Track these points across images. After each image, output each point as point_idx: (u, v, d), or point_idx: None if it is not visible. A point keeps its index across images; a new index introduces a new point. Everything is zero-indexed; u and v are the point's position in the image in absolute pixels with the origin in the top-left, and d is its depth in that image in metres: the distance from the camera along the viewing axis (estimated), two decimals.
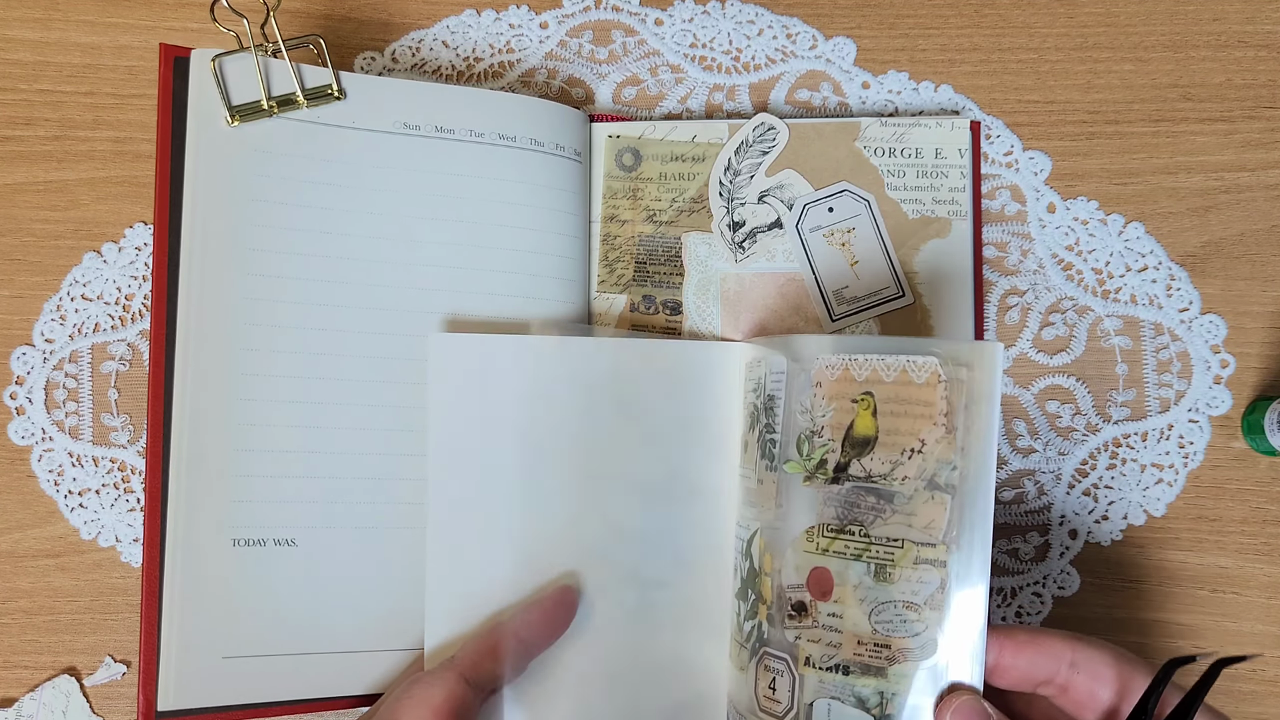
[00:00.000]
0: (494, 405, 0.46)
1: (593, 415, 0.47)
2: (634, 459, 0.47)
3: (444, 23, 0.56)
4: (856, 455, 0.41)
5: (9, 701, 0.51)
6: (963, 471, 0.39)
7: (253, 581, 0.46)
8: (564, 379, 0.47)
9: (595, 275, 0.53)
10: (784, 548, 0.42)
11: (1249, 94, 0.55)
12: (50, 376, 0.53)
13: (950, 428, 0.39)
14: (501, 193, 0.50)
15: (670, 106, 0.56)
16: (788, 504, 0.42)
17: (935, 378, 0.39)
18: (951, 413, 0.39)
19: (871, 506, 0.40)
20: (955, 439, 0.39)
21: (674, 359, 0.48)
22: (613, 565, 0.47)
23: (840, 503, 0.41)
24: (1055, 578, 0.53)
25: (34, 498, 0.53)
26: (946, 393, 0.39)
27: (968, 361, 0.39)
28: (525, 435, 0.46)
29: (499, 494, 0.46)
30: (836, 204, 0.53)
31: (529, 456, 0.46)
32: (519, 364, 0.47)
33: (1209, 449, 0.53)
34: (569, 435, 0.47)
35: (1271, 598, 0.53)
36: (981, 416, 0.39)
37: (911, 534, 0.39)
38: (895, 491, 0.40)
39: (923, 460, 0.39)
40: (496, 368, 0.46)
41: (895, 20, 0.56)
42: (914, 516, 0.39)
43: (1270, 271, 0.54)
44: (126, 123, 0.54)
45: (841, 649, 0.40)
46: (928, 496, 0.39)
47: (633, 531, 0.47)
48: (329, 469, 0.47)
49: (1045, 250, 0.54)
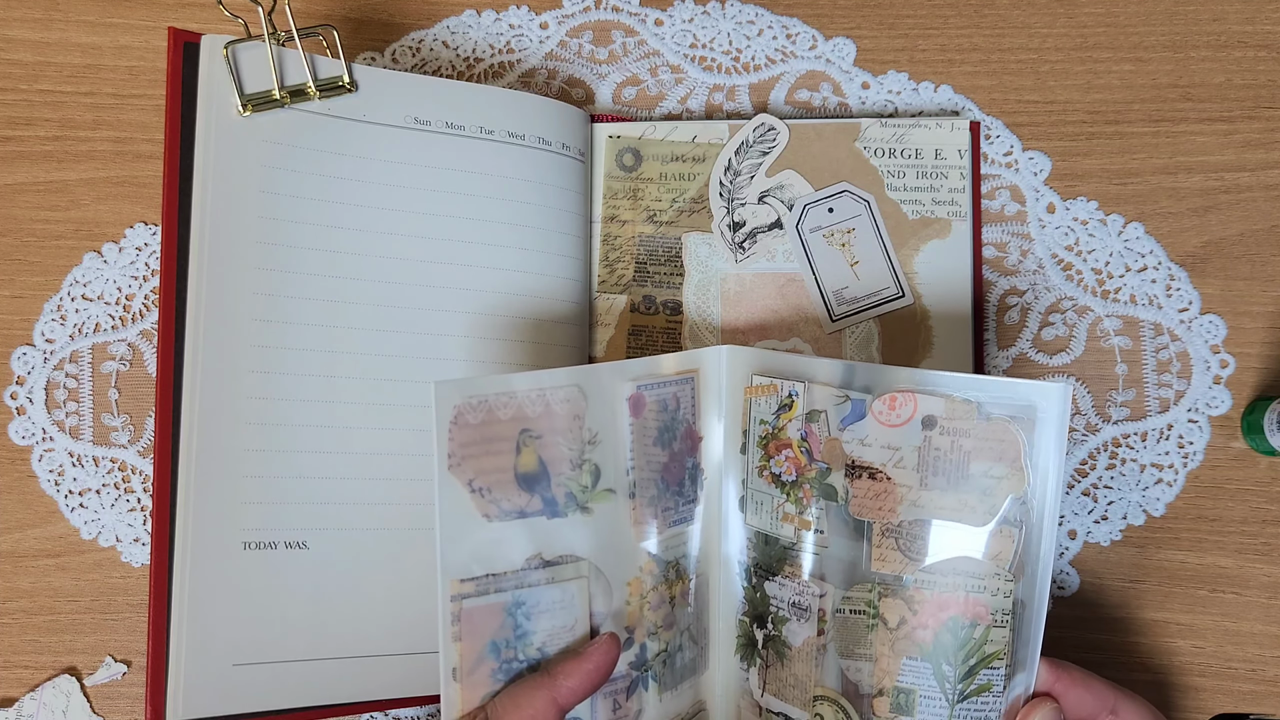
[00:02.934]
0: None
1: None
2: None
3: (444, 23, 0.56)
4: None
5: (9, 701, 0.51)
6: (1029, 506, 0.40)
7: (263, 585, 0.45)
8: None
9: (596, 275, 0.53)
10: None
11: (1249, 94, 0.55)
12: (51, 376, 0.53)
13: (1020, 465, 0.40)
14: (510, 191, 0.50)
15: (670, 107, 0.56)
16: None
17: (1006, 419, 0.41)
18: (1021, 451, 0.40)
19: (939, 538, 0.42)
20: (1025, 475, 0.40)
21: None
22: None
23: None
24: (1055, 578, 0.53)
25: (34, 498, 0.53)
26: (1018, 430, 0.40)
27: (1028, 403, 0.40)
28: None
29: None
30: (836, 204, 0.53)
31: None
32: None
33: (1208, 449, 0.53)
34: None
35: (1271, 598, 0.53)
36: (1049, 454, 0.40)
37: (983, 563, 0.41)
38: (968, 524, 0.41)
39: (995, 495, 0.41)
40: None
41: (895, 20, 0.56)
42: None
43: (1270, 272, 0.54)
44: (127, 123, 0.54)
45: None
46: (997, 530, 0.41)
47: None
48: (341, 469, 0.47)
49: (1045, 250, 0.54)
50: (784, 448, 0.45)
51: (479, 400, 0.40)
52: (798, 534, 0.44)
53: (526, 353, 0.50)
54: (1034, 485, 0.40)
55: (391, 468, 0.47)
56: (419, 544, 0.47)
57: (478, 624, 0.40)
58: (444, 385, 0.39)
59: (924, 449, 0.42)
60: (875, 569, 0.43)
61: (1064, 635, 0.53)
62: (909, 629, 0.42)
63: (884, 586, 0.43)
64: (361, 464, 0.47)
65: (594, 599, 0.43)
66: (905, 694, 0.42)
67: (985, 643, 0.41)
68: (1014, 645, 0.41)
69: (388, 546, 0.47)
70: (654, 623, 0.45)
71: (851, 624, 0.43)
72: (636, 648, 0.44)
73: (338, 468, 0.46)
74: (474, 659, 0.40)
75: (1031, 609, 0.41)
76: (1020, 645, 0.41)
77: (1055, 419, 0.40)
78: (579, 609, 0.42)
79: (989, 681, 0.41)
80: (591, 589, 0.43)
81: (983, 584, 0.41)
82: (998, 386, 0.41)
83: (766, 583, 0.45)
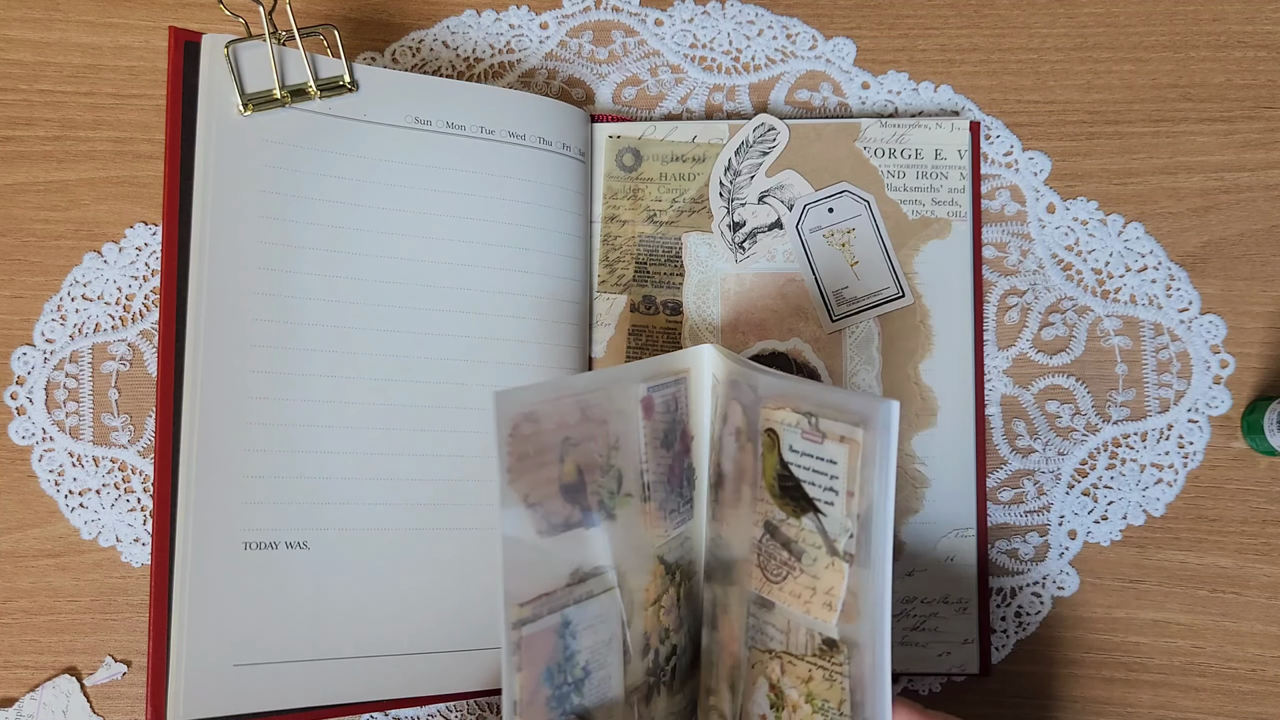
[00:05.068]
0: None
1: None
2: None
3: (444, 23, 0.56)
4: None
5: (9, 701, 0.51)
6: (859, 539, 0.36)
7: (264, 585, 0.45)
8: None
9: (596, 275, 0.53)
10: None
11: (1249, 94, 0.55)
12: (51, 376, 0.53)
13: (850, 491, 0.36)
14: (511, 191, 0.50)
15: (670, 107, 0.56)
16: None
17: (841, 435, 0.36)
18: (850, 474, 0.36)
19: (784, 561, 0.39)
20: (853, 504, 0.36)
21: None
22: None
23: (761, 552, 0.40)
24: (1055, 578, 0.53)
25: (34, 498, 0.53)
26: (847, 453, 0.36)
27: (863, 419, 0.35)
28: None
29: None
30: (837, 204, 0.53)
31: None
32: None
33: (1209, 449, 0.53)
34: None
35: (1271, 598, 0.53)
36: (875, 481, 0.35)
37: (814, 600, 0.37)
38: (803, 551, 0.38)
39: (825, 521, 0.37)
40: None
41: (895, 20, 0.56)
42: (818, 580, 0.37)
43: (1270, 271, 0.54)
44: (127, 123, 0.54)
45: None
46: (829, 561, 0.37)
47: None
48: (342, 469, 0.46)
49: (1045, 250, 0.54)
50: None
51: (529, 410, 0.37)
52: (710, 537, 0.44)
53: (527, 353, 0.50)
54: (864, 515, 0.35)
55: (393, 468, 0.47)
56: (420, 544, 0.47)
57: (536, 651, 0.38)
58: (503, 396, 0.36)
59: (736, 458, 0.40)
60: (744, 584, 0.40)
61: (1064, 635, 0.53)
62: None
63: (751, 604, 0.40)
64: (362, 464, 0.47)
65: (623, 609, 0.41)
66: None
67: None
68: (851, 699, 0.36)
69: (389, 547, 0.47)
70: (666, 626, 0.44)
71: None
72: (653, 654, 0.43)
73: (339, 468, 0.46)
74: (531, 689, 0.38)
75: (867, 656, 0.35)
76: (862, 693, 0.36)
77: (883, 440, 0.34)
78: (614, 622, 0.41)
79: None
80: (620, 599, 0.41)
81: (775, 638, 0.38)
82: (834, 397, 0.37)
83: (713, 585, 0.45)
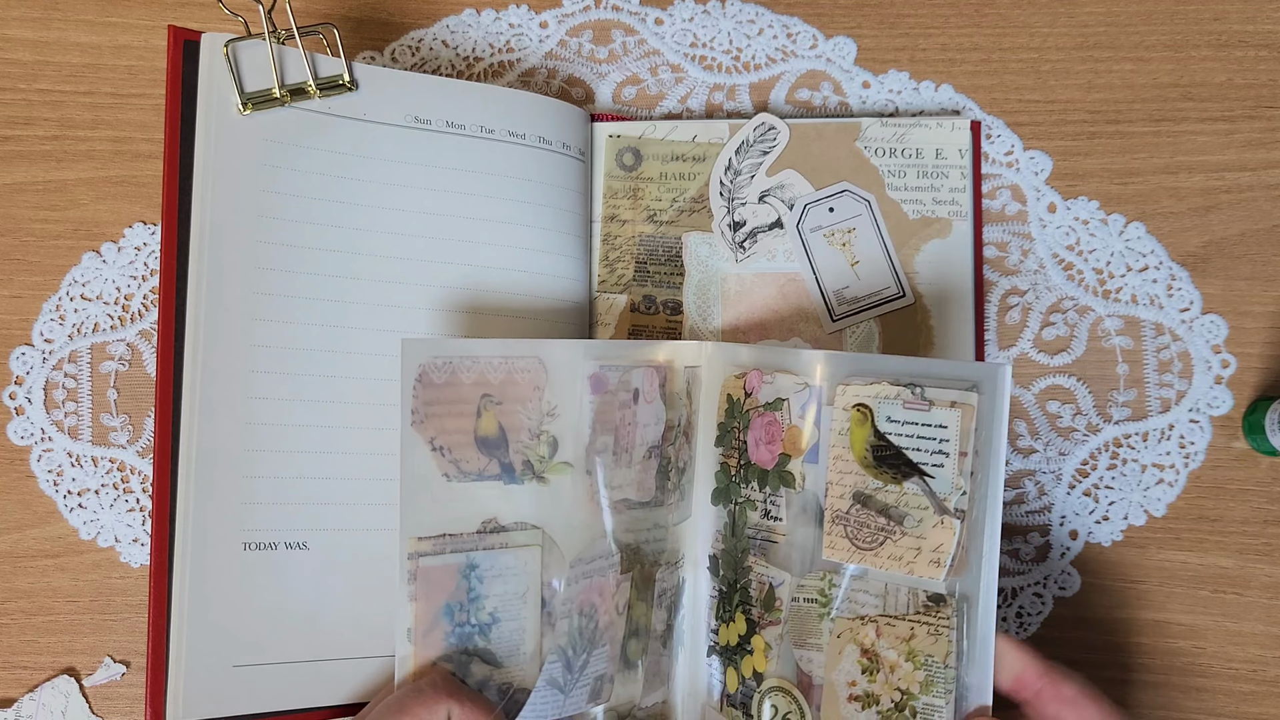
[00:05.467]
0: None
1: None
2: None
3: (444, 22, 0.56)
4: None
5: (8, 702, 0.51)
6: (971, 495, 0.39)
7: (264, 586, 0.45)
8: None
9: (596, 275, 0.53)
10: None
11: (1250, 94, 0.55)
12: (49, 376, 0.53)
13: (964, 451, 0.39)
14: (510, 190, 0.50)
15: (670, 106, 0.56)
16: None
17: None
18: (964, 435, 0.39)
19: (881, 527, 0.41)
20: (967, 462, 0.39)
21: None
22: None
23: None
24: (1056, 578, 0.53)
25: (33, 498, 0.52)
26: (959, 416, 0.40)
27: (975, 384, 0.39)
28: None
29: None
30: (837, 204, 0.53)
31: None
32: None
33: (1210, 449, 0.53)
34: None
35: (1272, 598, 0.53)
36: (991, 440, 0.39)
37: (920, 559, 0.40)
38: (905, 514, 0.40)
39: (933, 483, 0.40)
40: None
41: (896, 20, 0.56)
42: (924, 540, 0.40)
43: (1271, 271, 0.54)
44: (126, 122, 0.54)
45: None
46: (937, 520, 0.40)
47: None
48: (342, 470, 0.46)
49: (1046, 250, 0.54)
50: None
51: (444, 361, 0.42)
52: (753, 523, 0.45)
53: None
54: (978, 472, 0.39)
55: (391, 468, 0.47)
56: None
57: (433, 584, 0.42)
58: (410, 343, 0.42)
59: (834, 430, 0.42)
60: (826, 556, 0.42)
61: (1065, 636, 0.53)
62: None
63: (833, 576, 0.42)
64: (362, 464, 0.47)
65: (547, 568, 0.44)
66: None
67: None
68: (959, 643, 0.39)
69: (388, 547, 0.47)
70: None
71: (804, 613, 0.43)
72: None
73: (338, 468, 0.46)
74: (429, 621, 0.42)
75: (978, 605, 0.39)
76: (969, 642, 0.39)
77: (997, 402, 0.38)
78: (531, 576, 0.44)
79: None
80: (545, 558, 0.44)
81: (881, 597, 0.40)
82: (941, 368, 0.40)
83: (734, 573, 0.46)
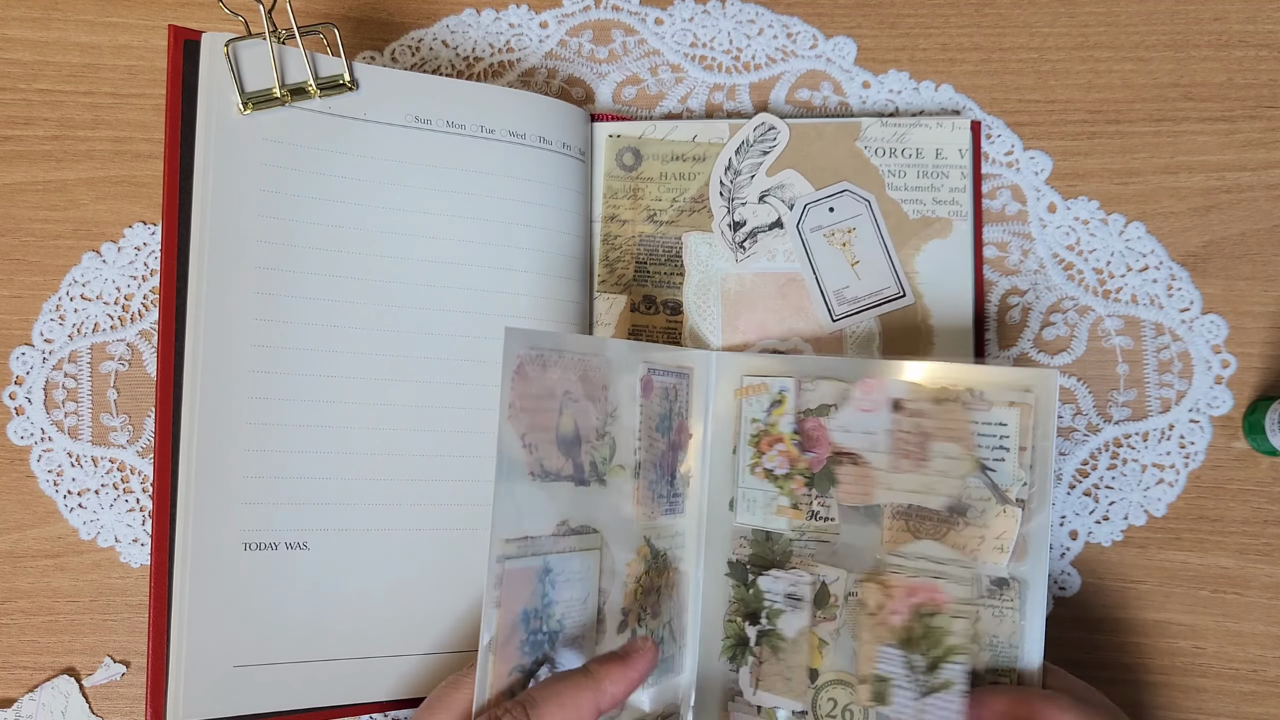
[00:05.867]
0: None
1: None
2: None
3: (444, 22, 0.56)
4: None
5: (8, 702, 0.51)
6: (1030, 486, 0.42)
7: (264, 586, 0.45)
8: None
9: (596, 275, 0.53)
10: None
11: (1250, 93, 0.55)
12: (49, 376, 0.53)
13: (1023, 446, 0.42)
14: (510, 190, 0.50)
15: (670, 106, 0.56)
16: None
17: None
18: (1024, 432, 0.42)
19: (942, 519, 0.43)
20: (1026, 456, 0.42)
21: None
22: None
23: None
24: (1055, 578, 0.53)
25: (33, 498, 0.52)
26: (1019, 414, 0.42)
27: (1030, 386, 0.42)
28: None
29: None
30: (837, 204, 0.53)
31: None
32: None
33: (1210, 449, 0.53)
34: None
35: (1273, 598, 0.52)
36: (1045, 436, 0.42)
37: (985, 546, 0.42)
38: (968, 506, 0.43)
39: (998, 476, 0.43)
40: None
41: (896, 20, 0.56)
42: (987, 529, 0.42)
43: (1271, 271, 0.54)
44: (126, 122, 0.54)
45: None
46: (999, 510, 0.42)
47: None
48: (342, 470, 0.46)
49: (1046, 250, 0.54)
50: (776, 442, 0.46)
51: (538, 354, 0.41)
52: (792, 525, 0.46)
53: None
54: (1036, 465, 0.42)
55: (392, 468, 0.47)
56: (419, 545, 0.47)
57: (515, 589, 0.40)
58: (513, 333, 0.40)
59: (894, 432, 0.44)
60: (888, 550, 0.44)
61: (1065, 635, 0.53)
62: (884, 614, 0.43)
63: (870, 570, 0.44)
64: (362, 464, 0.47)
65: (604, 574, 0.43)
66: (881, 682, 0.43)
67: (946, 634, 0.41)
68: (1010, 634, 0.42)
69: (388, 547, 0.47)
70: (643, 608, 0.45)
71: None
72: (629, 632, 0.44)
73: (338, 468, 0.46)
74: (508, 629, 0.40)
75: (1037, 587, 0.42)
76: (1026, 622, 0.42)
77: (1051, 400, 0.42)
78: (592, 582, 0.43)
79: (948, 679, 0.41)
80: (603, 563, 0.43)
81: (943, 568, 0.42)
82: (995, 374, 0.43)
83: (760, 578, 0.46)
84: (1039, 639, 0.42)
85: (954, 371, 0.43)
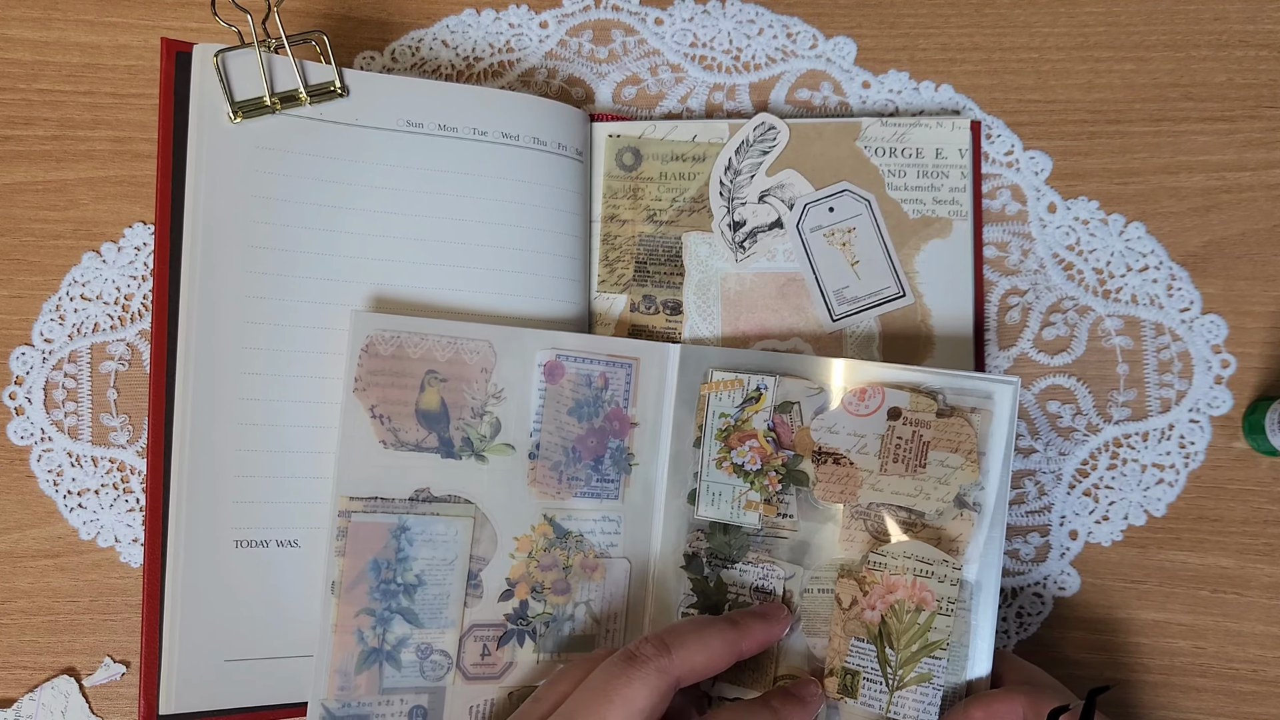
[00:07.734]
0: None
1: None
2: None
3: (444, 22, 0.56)
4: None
5: (8, 702, 0.51)
6: (986, 491, 0.44)
7: (255, 583, 0.46)
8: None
9: (595, 275, 0.53)
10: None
11: (1250, 93, 0.55)
12: (49, 376, 0.53)
13: (974, 455, 0.44)
14: (505, 192, 0.50)
15: (670, 106, 0.56)
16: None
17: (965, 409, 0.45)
18: (982, 437, 0.44)
19: (902, 521, 0.44)
20: (981, 463, 0.44)
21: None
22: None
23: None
24: (1055, 578, 0.53)
25: (33, 498, 0.52)
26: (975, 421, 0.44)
27: (989, 393, 0.44)
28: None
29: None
30: (837, 204, 0.53)
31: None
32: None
33: (1210, 449, 0.53)
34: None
35: (1273, 598, 0.52)
36: (1003, 444, 0.44)
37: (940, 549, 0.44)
38: (924, 510, 0.44)
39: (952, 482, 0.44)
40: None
41: (896, 20, 0.56)
42: (943, 530, 0.44)
43: (1271, 271, 0.54)
44: (126, 122, 0.54)
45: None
46: (956, 514, 0.44)
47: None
48: (332, 469, 0.46)
49: (1046, 250, 0.54)
50: (748, 438, 0.47)
51: (392, 335, 0.45)
52: (763, 520, 0.46)
53: None
54: (988, 472, 0.44)
55: None
56: None
57: (362, 541, 0.45)
58: (360, 315, 0.45)
59: (887, 437, 0.45)
60: (844, 550, 0.45)
61: (1065, 635, 0.53)
62: (859, 609, 0.44)
63: (846, 567, 0.45)
64: None
65: (477, 543, 0.46)
66: (851, 675, 0.44)
67: (929, 630, 0.43)
68: (962, 633, 0.43)
69: None
70: (541, 583, 0.47)
71: (819, 603, 0.45)
72: (516, 602, 0.47)
73: (329, 468, 0.46)
74: (354, 575, 0.44)
75: (987, 591, 0.43)
76: (979, 620, 0.43)
77: (1007, 411, 0.44)
78: (461, 546, 0.46)
79: (929, 671, 0.43)
80: (476, 532, 0.46)
81: (930, 569, 0.43)
82: (958, 380, 0.45)
83: (724, 571, 0.47)
84: (989, 641, 0.43)
85: (916, 376, 0.45)
